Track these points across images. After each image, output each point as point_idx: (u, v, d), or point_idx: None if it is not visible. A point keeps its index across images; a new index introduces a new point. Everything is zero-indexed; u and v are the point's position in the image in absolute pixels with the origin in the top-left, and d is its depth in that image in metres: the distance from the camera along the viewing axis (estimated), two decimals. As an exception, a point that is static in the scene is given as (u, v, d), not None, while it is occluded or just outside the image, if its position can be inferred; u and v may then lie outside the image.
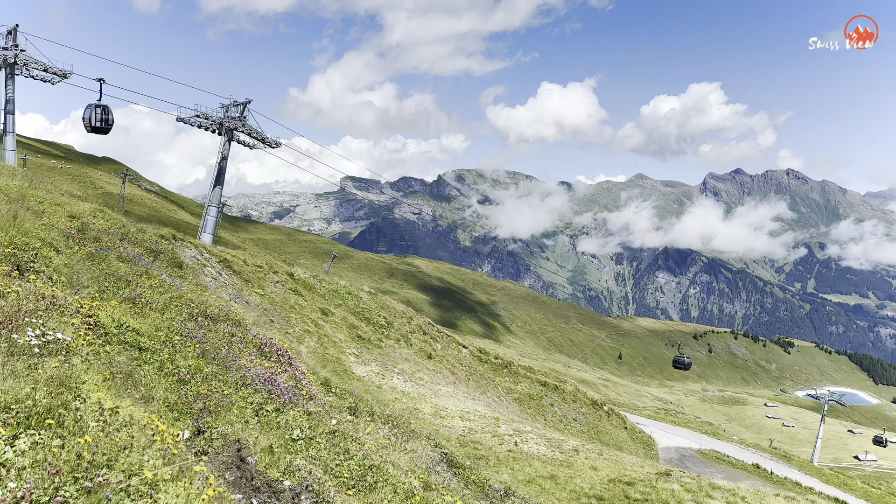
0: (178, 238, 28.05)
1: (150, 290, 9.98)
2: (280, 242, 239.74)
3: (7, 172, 17.18)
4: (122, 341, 6.90)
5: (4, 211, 9.28)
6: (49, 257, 8.50)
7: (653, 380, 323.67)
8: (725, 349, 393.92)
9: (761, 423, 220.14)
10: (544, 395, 43.53)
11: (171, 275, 13.03)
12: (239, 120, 42.71)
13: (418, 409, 22.42)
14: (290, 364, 8.72)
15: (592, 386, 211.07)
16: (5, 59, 44.26)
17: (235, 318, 10.14)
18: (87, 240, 11.51)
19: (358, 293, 39.17)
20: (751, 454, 53.44)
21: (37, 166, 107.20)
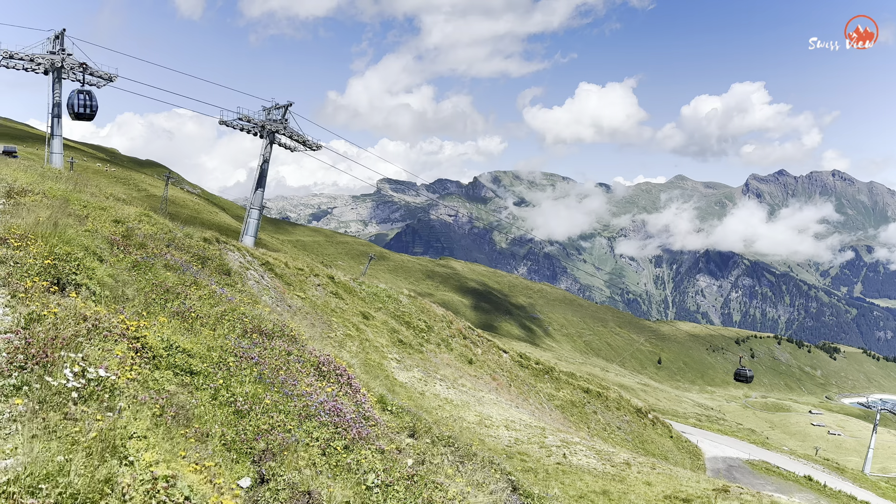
0: (221, 241, 27.95)
1: (199, 303, 9.47)
2: (318, 244, 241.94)
3: (52, 175, 17.12)
4: (172, 365, 6.31)
5: (45, 218, 8.85)
6: (92, 268, 7.96)
7: (693, 385, 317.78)
8: (768, 354, 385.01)
9: (806, 430, 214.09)
10: (587, 402, 42.54)
11: (220, 283, 12.57)
12: (280, 123, 42.68)
13: (462, 418, 21.82)
14: (350, 384, 8.13)
15: (631, 391, 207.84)
16: (52, 63, 45.03)
17: (291, 333, 9.55)
18: (133, 246, 11.14)
19: (398, 296, 38.77)
20: (802, 465, 51.55)
21: (83, 169, 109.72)
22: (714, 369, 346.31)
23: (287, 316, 24.01)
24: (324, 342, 24.86)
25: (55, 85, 46.58)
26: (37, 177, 13.69)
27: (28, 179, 12.95)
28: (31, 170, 17.15)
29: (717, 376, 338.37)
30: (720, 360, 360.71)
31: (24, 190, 11.70)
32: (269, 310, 11.48)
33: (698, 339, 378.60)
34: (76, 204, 12.24)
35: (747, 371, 65.18)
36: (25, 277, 6.92)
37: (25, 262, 7.36)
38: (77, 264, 7.73)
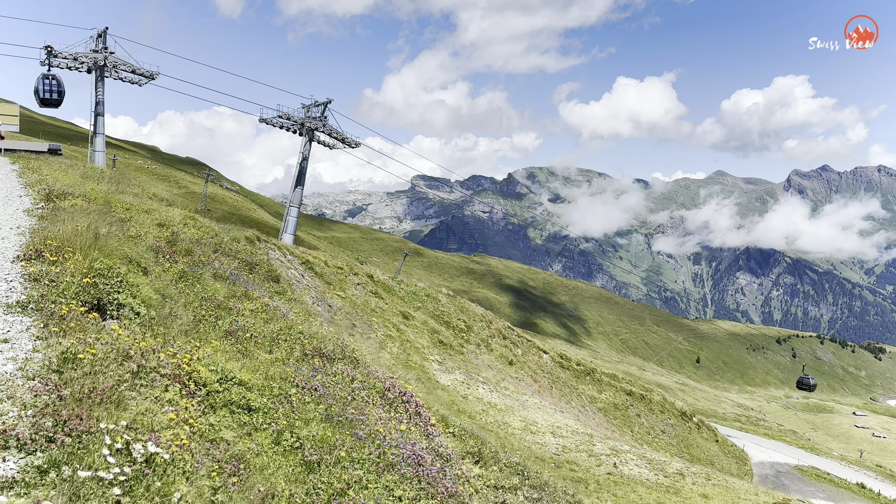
0: (262, 240, 27.73)
1: (252, 319, 8.82)
2: (353, 241, 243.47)
3: (94, 176, 16.91)
4: (228, 402, 5.53)
5: (84, 226, 8.35)
6: (136, 285, 7.25)
7: (732, 385, 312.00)
8: (811, 354, 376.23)
9: (849, 432, 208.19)
10: (630, 404, 41.48)
11: (270, 291, 12.03)
12: (320, 120, 42.39)
13: (507, 423, 21.15)
14: (419, 413, 7.47)
15: (669, 390, 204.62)
16: (95, 61, 45.49)
17: (353, 354, 8.84)
18: (178, 253, 10.67)
19: (436, 295, 38.23)
20: (853, 472, 49.66)
21: (125, 166, 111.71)
22: (754, 369, 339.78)
23: (328, 316, 23.63)
24: (364, 342, 24.43)
25: (98, 83, 47.09)
26: (78, 177, 13.30)
27: (69, 181, 12.61)
28: (73, 169, 16.95)
29: (758, 376, 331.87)
30: (761, 359, 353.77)
31: (63, 193, 11.38)
32: (330, 329, 10.74)
33: (738, 338, 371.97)
34: (118, 206, 11.79)
35: (810, 380, 63.73)
36: (61, 300, 6.34)
37: (62, 281, 6.76)
38: (119, 281, 7.07)
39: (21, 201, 12.38)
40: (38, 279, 6.90)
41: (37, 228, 9.53)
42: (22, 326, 5.88)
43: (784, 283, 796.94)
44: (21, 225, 10.54)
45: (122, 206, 12.32)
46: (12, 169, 17.17)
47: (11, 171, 16.43)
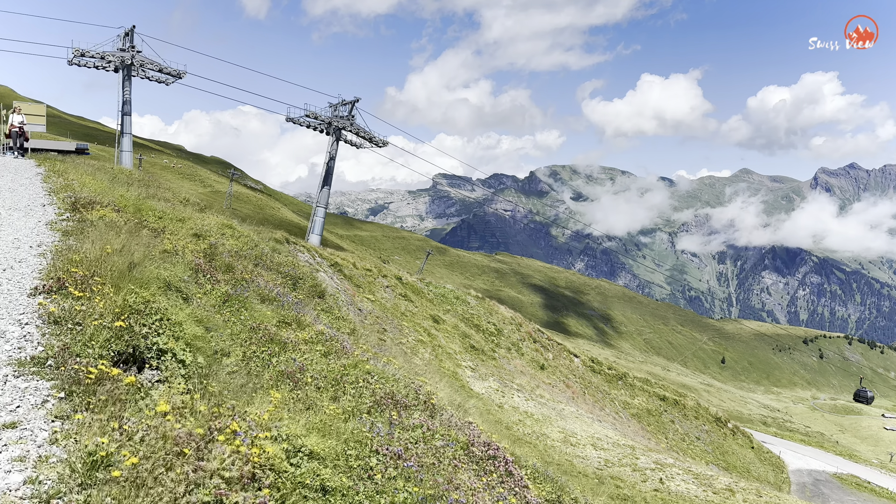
0: (291, 241, 27.18)
1: (309, 353, 7.84)
2: (375, 239, 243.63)
3: (123, 179, 16.27)
4: (300, 484, 4.32)
5: (116, 247, 7.46)
6: (179, 322, 6.18)
7: (758, 386, 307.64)
8: (838, 355, 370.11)
9: (878, 434, 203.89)
10: (663, 410, 40.37)
11: (317, 308, 11.24)
12: (347, 119, 41.74)
13: (546, 435, 20.30)
14: (510, 473, 6.57)
15: (694, 391, 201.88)
16: (123, 60, 45.22)
17: (429, 398, 7.89)
18: (218, 269, 9.93)
19: (465, 297, 37.46)
20: (894, 480, 48.02)
21: (150, 165, 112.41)
22: (780, 370, 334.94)
23: (358, 321, 22.92)
24: (396, 347, 23.71)
25: (125, 83, 46.87)
26: (106, 182, 12.55)
27: (96, 186, 11.85)
28: (100, 172, 16.30)
29: (784, 377, 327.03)
30: (787, 360, 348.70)
31: (91, 201, 10.64)
32: (396, 364, 9.82)
33: (764, 338, 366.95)
34: (149, 215, 11.12)
35: (868, 392, 62.71)
36: (88, 351, 5.22)
37: (89, 324, 5.67)
38: (158, 319, 6.00)
39: (44, 211, 11.51)
40: (59, 321, 5.85)
41: (60, 248, 8.62)
42: (37, 398, 4.63)
43: (811, 282, 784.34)
44: (43, 242, 9.55)
45: (154, 214, 11.69)
46: (37, 172, 16.54)
47: (36, 175, 15.80)
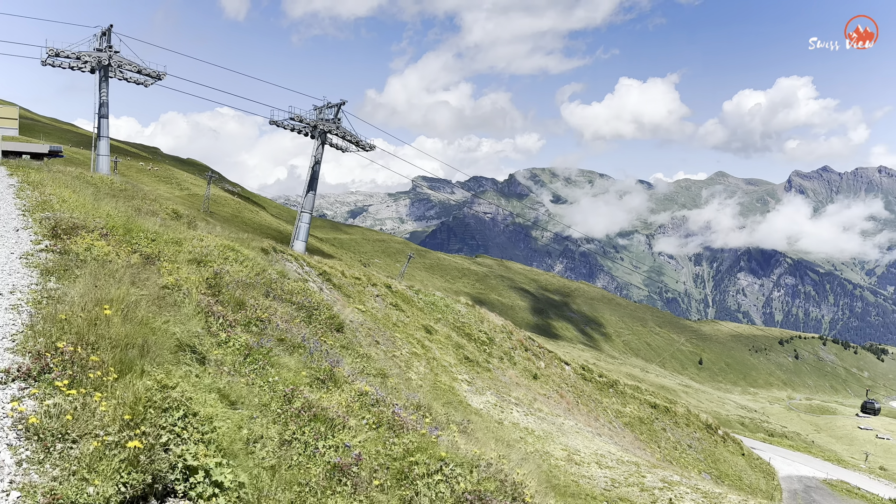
0: (277, 250, 26.16)
1: (359, 427, 6.40)
2: (355, 242, 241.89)
3: (106, 188, 14.97)
4: None
5: (115, 299, 5.81)
6: (208, 419, 4.54)
7: (735, 386, 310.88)
8: (813, 355, 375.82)
9: (853, 434, 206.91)
10: (655, 418, 39.88)
11: (336, 344, 10.12)
12: (333, 122, 40.62)
13: (549, 453, 19.49)
14: None
15: (673, 392, 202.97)
16: (100, 60, 43.46)
17: (515, 492, 6.75)
18: (229, 306, 8.62)
19: (455, 306, 36.63)
20: (883, 486, 48.05)
21: (126, 168, 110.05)
22: (757, 370, 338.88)
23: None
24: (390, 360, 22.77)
25: (102, 84, 45.16)
26: (89, 197, 11.09)
27: (79, 202, 10.34)
28: (81, 182, 14.86)
29: (760, 377, 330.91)
30: (763, 360, 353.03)
31: (74, 226, 9.01)
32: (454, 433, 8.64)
33: (740, 339, 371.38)
34: (142, 237, 9.92)
35: (875, 404, 65.16)
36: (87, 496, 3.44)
37: (87, 445, 3.87)
38: (182, 415, 4.38)
39: (18, 239, 9.42)
40: (42, 437, 4.00)
41: (40, 298, 6.80)
42: None
43: (785, 283, 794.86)
44: (16, 287, 7.36)
45: (146, 236, 10.23)
46: (9, 185, 14.45)
47: (7, 188, 13.70)
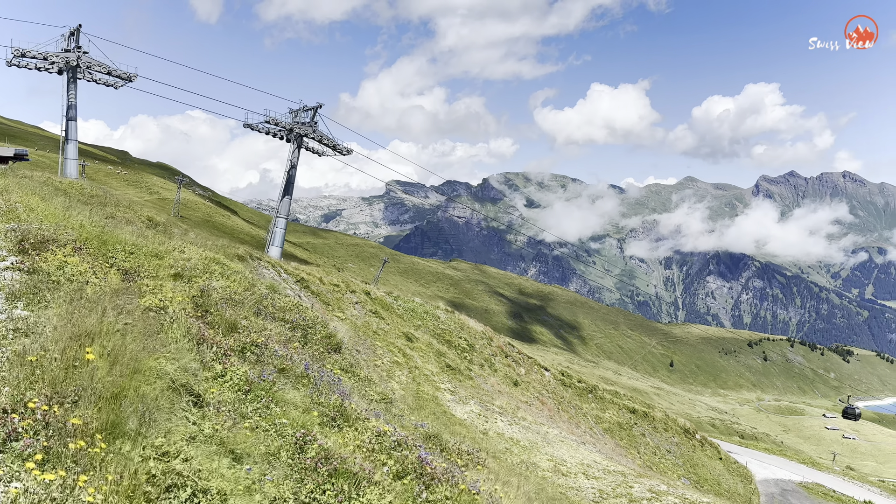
0: (253, 256, 25.45)
1: (388, 487, 5.74)
2: (328, 247, 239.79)
3: (76, 194, 14.12)
4: None
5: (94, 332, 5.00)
6: (220, 495, 3.90)
7: (705, 388, 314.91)
8: (781, 357, 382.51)
9: (820, 434, 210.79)
10: (634, 423, 39.86)
11: (336, 366, 9.39)
12: (309, 126, 39.91)
13: (535, 464, 19.13)
14: None
15: (645, 395, 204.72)
16: (67, 61, 42.08)
17: None
18: (220, 328, 7.94)
19: (435, 312, 36.22)
20: (857, 488, 48.67)
21: (94, 171, 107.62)
22: (727, 372, 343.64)
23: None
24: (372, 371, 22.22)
25: (70, 85, 43.79)
26: (59, 207, 10.06)
27: (48, 211, 9.69)
28: (50, 189, 13.93)
29: (730, 379, 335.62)
30: (733, 362, 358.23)
31: (44, 239, 8.11)
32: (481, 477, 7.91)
33: (710, 341, 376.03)
34: (118, 250, 9.21)
35: (856, 409, 68.61)
36: None
37: None
38: (189, 495, 3.73)
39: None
40: None
41: (3, 331, 5.83)
42: None
43: (753, 286, 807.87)
44: None
45: (124, 249, 9.48)
46: None
47: None
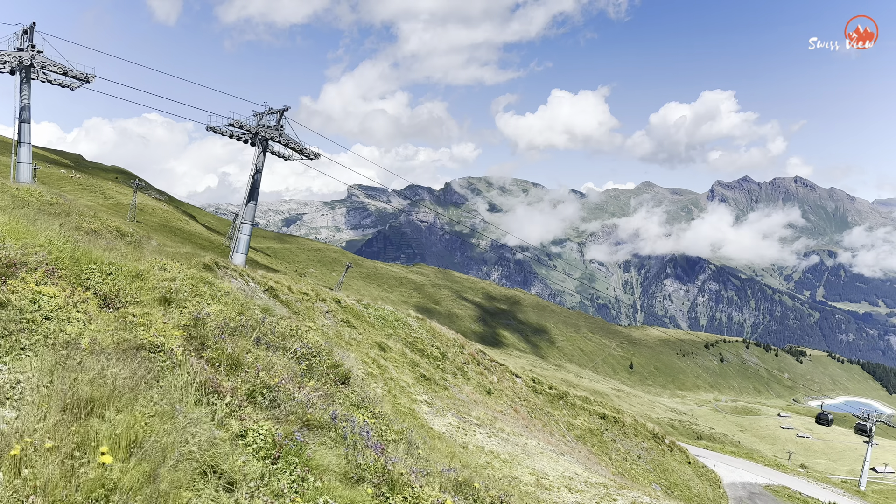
0: (220, 265, 24.46)
1: None
2: (289, 252, 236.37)
3: (34, 202, 12.83)
4: None
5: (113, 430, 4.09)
6: None
7: (664, 389, 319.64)
8: (737, 358, 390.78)
9: (775, 433, 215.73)
10: (605, 429, 39.77)
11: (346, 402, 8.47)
12: (276, 129, 38.84)
13: (517, 478, 18.62)
14: None
15: (605, 397, 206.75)
16: (20, 60, 40.16)
17: None
18: (222, 366, 6.89)
19: (406, 319, 35.54)
20: (821, 489, 49.51)
21: (47, 176, 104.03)
22: (684, 373, 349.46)
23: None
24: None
25: (23, 86, 41.83)
26: (23, 220, 8.70)
27: (13, 227, 8.49)
28: (7, 196, 12.53)
29: (688, 380, 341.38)
30: (690, 364, 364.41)
31: (10, 262, 6.96)
32: None
33: (668, 343, 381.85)
34: (94, 271, 8.12)
35: (829, 415, 72.02)
36: None
37: None
38: None
39: None
40: None
41: None
42: None
43: (709, 289, 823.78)
44: None
45: (100, 268, 8.39)
46: None
47: None
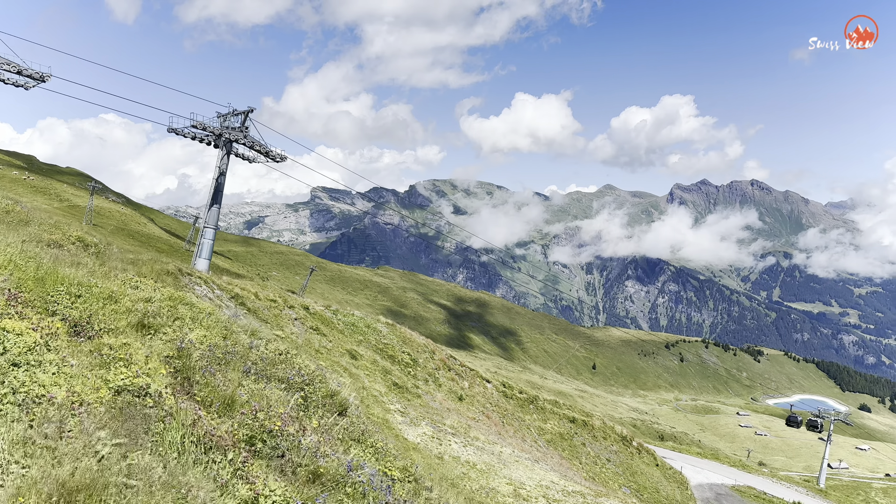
0: (184, 272, 23.54)
1: None
2: (251, 255, 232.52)
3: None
4: None
5: None
6: None
7: (626, 389, 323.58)
8: (697, 358, 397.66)
9: (734, 432, 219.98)
10: (574, 433, 39.71)
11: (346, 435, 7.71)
12: (240, 131, 37.88)
13: (495, 490, 18.21)
14: None
15: (569, 398, 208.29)
16: (-32, 59, 38.75)
17: None
18: (214, 407, 5.99)
19: (376, 325, 34.92)
20: (785, 489, 50.33)
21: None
22: (646, 373, 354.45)
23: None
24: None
25: (-30, 84, 40.25)
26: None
27: None
28: None
29: (649, 380, 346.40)
30: (651, 364, 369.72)
31: None
32: None
33: (630, 344, 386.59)
34: (62, 292, 7.28)
35: (798, 417, 76.68)
36: None
37: None
38: None
39: None
40: None
41: None
42: None
43: (669, 290, 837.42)
44: None
45: (68, 290, 7.63)
46: None
47: None
